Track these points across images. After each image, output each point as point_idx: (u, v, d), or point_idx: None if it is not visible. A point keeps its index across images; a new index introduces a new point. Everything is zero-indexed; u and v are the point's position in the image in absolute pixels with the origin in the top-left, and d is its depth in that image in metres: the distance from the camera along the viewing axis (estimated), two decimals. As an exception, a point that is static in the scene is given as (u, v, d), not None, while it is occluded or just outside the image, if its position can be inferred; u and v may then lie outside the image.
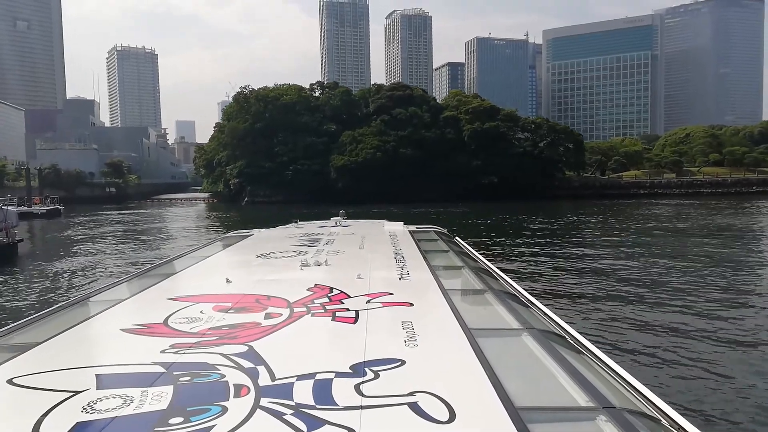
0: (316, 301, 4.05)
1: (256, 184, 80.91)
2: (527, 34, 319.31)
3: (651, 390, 2.89)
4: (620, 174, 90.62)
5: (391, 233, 8.77)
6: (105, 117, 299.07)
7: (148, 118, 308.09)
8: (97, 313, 4.11)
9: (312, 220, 11.93)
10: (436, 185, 77.10)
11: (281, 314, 3.72)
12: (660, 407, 2.70)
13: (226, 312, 3.83)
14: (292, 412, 2.21)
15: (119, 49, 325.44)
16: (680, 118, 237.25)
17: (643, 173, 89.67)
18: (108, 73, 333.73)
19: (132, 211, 71.61)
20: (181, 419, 2.18)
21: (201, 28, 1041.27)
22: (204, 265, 6.42)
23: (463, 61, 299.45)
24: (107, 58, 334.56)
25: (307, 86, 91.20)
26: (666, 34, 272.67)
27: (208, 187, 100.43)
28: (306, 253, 6.63)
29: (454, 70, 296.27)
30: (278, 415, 2.19)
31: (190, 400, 2.37)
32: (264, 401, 2.31)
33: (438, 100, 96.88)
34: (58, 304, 4.84)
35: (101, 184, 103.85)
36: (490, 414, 2.26)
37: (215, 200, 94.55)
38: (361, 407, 2.25)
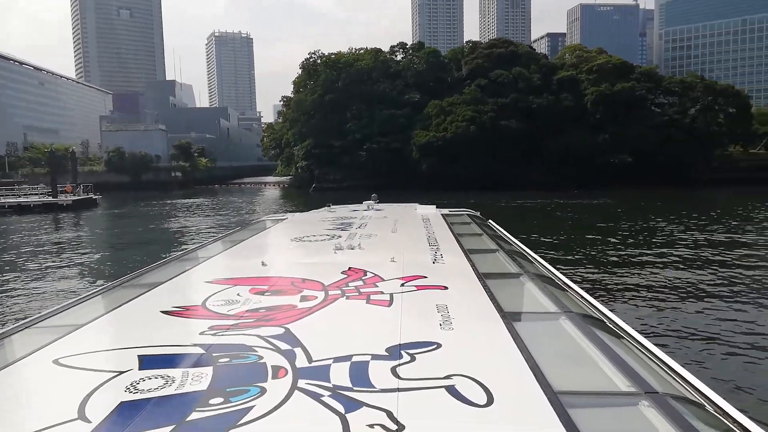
0: (350, 284, 3.92)
1: (325, 167, 64.82)
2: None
3: (694, 375, 2.70)
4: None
5: (424, 216, 8.46)
6: (205, 101, 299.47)
7: (244, 102, 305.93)
8: (138, 296, 3.97)
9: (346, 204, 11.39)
10: (548, 166, 57.32)
11: (316, 297, 3.62)
12: (704, 392, 2.54)
13: (263, 295, 3.74)
14: (330, 393, 2.16)
15: (217, 34, 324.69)
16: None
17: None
18: (207, 58, 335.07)
19: (186, 201, 59.12)
20: (221, 399, 2.14)
21: (299, 15, 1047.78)
22: (240, 249, 6.23)
23: (565, 31, 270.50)
24: (206, 44, 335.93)
25: (387, 49, 72.88)
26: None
27: (282, 171, 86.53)
28: (339, 236, 6.43)
29: (555, 41, 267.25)
30: (316, 397, 2.14)
31: (229, 381, 2.32)
32: (302, 383, 2.27)
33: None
34: (100, 287, 4.70)
35: (167, 167, 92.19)
36: (529, 398, 2.16)
37: (285, 185, 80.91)
38: (398, 390, 2.19)
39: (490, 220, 9.01)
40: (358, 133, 63.37)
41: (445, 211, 9.38)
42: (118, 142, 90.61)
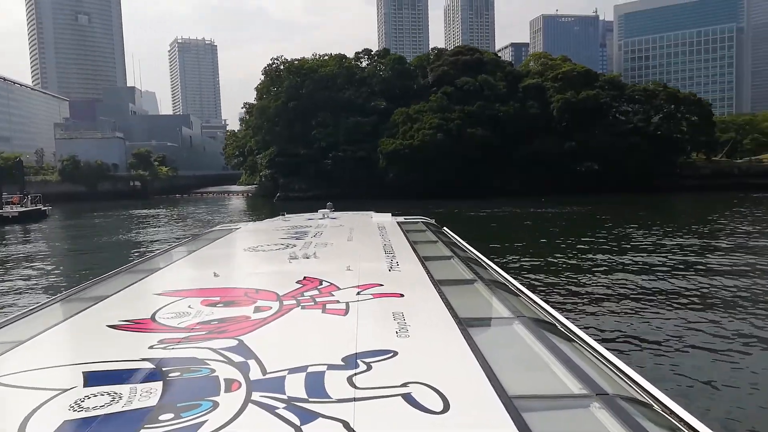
0: (305, 294, 3.87)
1: (290, 176, 62.82)
2: (596, 11, 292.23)
3: (643, 376, 2.77)
4: (759, 157, 66.04)
5: (380, 224, 8.33)
6: (168, 109, 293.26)
7: (208, 109, 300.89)
8: (82, 310, 3.80)
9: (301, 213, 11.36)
10: (515, 175, 56.68)
11: (271, 307, 3.54)
12: (652, 393, 2.60)
13: (215, 306, 3.63)
14: (285, 405, 2.10)
15: (180, 41, 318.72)
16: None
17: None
18: (170, 65, 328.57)
19: (143, 211, 56.96)
20: (171, 415, 2.06)
21: (266, 22, 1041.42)
22: (191, 260, 6.06)
23: (528, 41, 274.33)
24: (169, 51, 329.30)
25: (352, 55, 71.43)
26: (754, 3, 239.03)
27: (247, 179, 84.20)
28: (294, 245, 6.26)
29: (518, 51, 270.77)
30: (270, 409, 2.08)
31: (180, 396, 2.24)
32: (256, 395, 2.20)
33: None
34: (42, 302, 4.40)
35: (125, 177, 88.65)
36: (484, 403, 2.17)
37: (249, 195, 78.80)
38: (354, 399, 2.15)
39: (444, 228, 8.99)
40: (324, 141, 61.74)
41: (401, 218, 9.33)
42: (73, 150, 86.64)
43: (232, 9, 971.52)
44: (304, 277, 4.32)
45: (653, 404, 2.49)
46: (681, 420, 2.36)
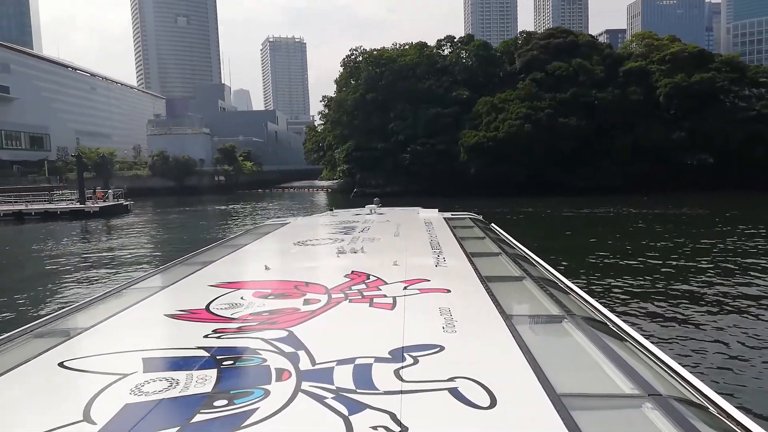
0: (353, 288, 3.92)
1: (367, 171, 59.69)
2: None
3: (697, 377, 2.64)
4: None
5: (426, 220, 8.43)
6: (260, 105, 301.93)
7: (297, 106, 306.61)
8: (141, 300, 3.97)
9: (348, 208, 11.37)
10: (613, 169, 50.15)
11: (320, 300, 3.61)
12: (707, 395, 2.50)
13: (266, 298, 3.75)
14: (333, 396, 2.16)
15: (271, 40, 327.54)
16: None
17: None
18: (262, 63, 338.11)
19: (222, 207, 56.60)
20: (225, 402, 2.15)
21: (351, 20, 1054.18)
22: (243, 253, 6.24)
23: (625, 27, 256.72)
24: (261, 50, 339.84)
25: (434, 43, 66.76)
26: None
27: (327, 174, 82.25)
28: (342, 240, 6.40)
29: (614, 37, 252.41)
30: (320, 399, 2.14)
31: (233, 384, 2.34)
32: (305, 385, 2.27)
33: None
34: (104, 292, 4.63)
35: (210, 172, 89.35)
36: (532, 400, 2.15)
37: (329, 190, 77.03)
38: (402, 392, 2.18)
39: (492, 224, 8.89)
40: (402, 134, 57.85)
41: (448, 214, 9.42)
42: (163, 145, 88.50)
43: (319, 10, 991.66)
44: (352, 272, 4.34)
45: (709, 406, 2.37)
46: (737, 423, 2.24)
